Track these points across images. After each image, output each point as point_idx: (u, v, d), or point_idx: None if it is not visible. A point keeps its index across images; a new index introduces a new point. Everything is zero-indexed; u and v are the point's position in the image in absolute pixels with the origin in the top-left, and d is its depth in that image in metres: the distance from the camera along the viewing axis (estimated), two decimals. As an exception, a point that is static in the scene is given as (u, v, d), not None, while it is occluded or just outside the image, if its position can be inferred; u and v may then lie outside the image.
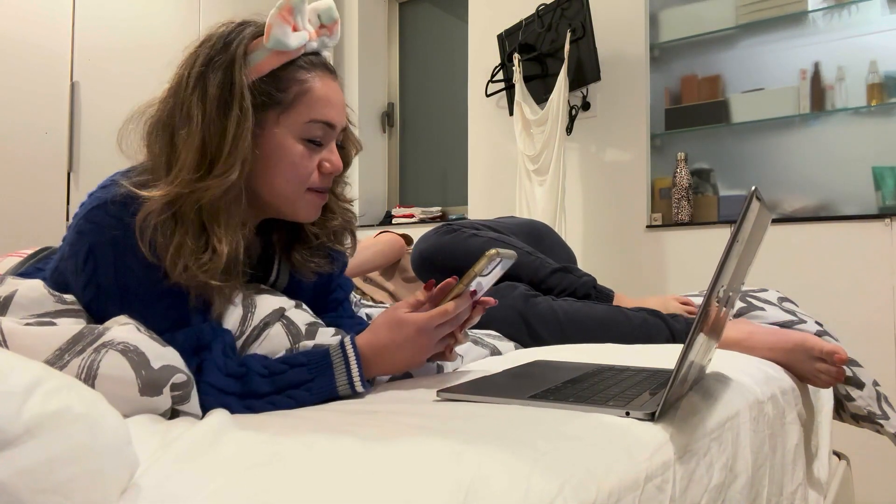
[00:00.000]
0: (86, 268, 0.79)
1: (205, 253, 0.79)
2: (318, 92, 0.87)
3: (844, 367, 1.35)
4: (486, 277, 0.88)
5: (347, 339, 0.85)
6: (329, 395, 0.83)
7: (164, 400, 0.71)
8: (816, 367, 1.13)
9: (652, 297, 1.41)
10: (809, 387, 1.19)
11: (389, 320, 0.87)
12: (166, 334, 0.79)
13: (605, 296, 1.37)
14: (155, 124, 0.84)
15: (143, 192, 0.78)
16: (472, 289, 0.87)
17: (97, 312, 0.80)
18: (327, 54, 0.92)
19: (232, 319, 0.88)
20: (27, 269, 0.95)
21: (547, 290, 1.35)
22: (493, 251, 0.85)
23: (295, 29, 0.84)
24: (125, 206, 0.79)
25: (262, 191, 0.88)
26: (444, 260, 1.35)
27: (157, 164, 0.82)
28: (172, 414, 0.73)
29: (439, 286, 0.91)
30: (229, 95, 0.81)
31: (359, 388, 0.83)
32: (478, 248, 1.33)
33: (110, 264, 0.78)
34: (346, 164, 0.95)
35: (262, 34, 0.84)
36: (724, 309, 0.82)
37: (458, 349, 1.15)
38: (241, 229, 0.84)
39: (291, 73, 0.85)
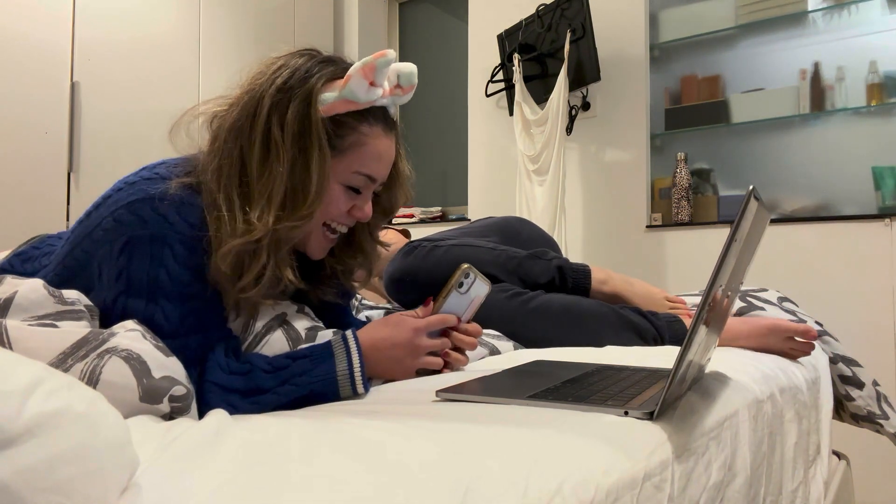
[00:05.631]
0: (120, 259, 0.80)
1: (265, 277, 0.84)
2: (371, 148, 0.89)
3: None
4: (463, 295, 0.93)
5: (349, 332, 0.89)
6: (328, 380, 0.83)
7: (164, 409, 0.71)
8: (790, 346, 1.22)
9: (638, 282, 1.41)
10: (809, 386, 1.19)
11: (389, 319, 0.92)
12: (180, 339, 0.80)
13: (582, 272, 1.38)
14: (221, 128, 0.87)
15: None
16: (451, 310, 0.94)
17: (119, 309, 0.80)
18: (392, 110, 0.95)
19: (235, 326, 0.90)
20: (24, 249, 0.95)
21: (524, 281, 1.36)
22: (465, 266, 0.91)
23: (372, 84, 0.86)
24: (173, 205, 0.81)
25: None
26: (410, 280, 1.36)
27: (220, 169, 0.85)
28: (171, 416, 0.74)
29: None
30: (308, 129, 0.84)
31: (357, 376, 0.84)
32: (436, 261, 1.34)
33: (146, 257, 0.80)
34: (394, 209, 1.00)
35: (341, 77, 0.87)
36: (726, 300, 0.82)
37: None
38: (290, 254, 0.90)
39: (353, 123, 0.88)
